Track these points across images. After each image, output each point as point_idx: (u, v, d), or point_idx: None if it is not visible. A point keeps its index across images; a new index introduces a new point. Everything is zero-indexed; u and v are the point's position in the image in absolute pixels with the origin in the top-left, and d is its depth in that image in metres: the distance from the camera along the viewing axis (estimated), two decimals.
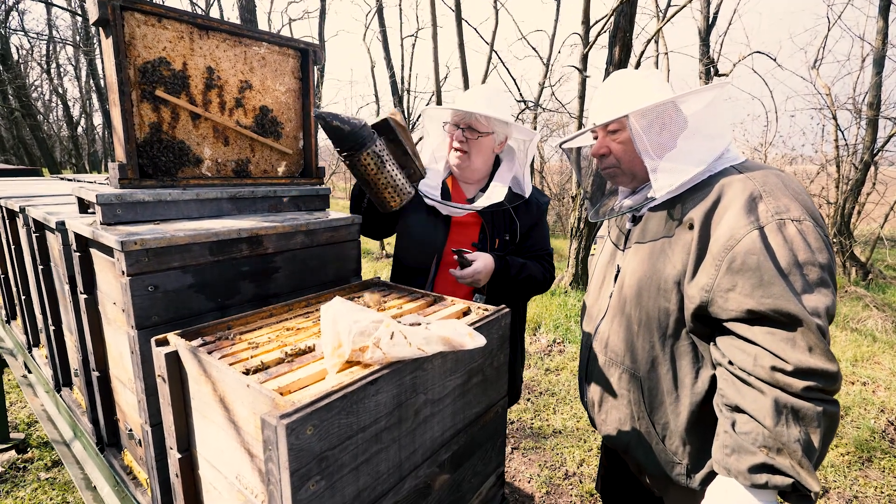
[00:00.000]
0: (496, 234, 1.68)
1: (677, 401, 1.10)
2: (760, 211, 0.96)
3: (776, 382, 0.89)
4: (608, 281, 1.29)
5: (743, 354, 0.93)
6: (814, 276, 0.91)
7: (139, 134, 1.27)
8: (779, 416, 0.88)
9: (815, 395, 0.87)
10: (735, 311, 0.94)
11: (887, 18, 6.75)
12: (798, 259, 0.92)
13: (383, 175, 1.35)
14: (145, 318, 1.01)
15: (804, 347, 0.87)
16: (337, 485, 0.72)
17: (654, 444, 1.15)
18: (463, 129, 1.63)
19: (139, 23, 1.23)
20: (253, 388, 0.74)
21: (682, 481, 1.13)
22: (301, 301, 1.20)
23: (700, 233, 1.01)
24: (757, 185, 0.99)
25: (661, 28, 5.88)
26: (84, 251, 1.24)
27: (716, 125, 1.11)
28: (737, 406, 0.94)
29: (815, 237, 0.94)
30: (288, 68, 1.59)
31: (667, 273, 1.08)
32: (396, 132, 1.39)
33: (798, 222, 0.94)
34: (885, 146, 7.05)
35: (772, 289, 0.90)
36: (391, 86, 11.35)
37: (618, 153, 1.20)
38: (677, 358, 1.09)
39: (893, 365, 4.11)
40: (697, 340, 1.07)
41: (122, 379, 1.24)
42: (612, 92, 1.21)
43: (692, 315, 1.03)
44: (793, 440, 0.86)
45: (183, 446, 0.95)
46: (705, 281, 0.99)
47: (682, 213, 1.07)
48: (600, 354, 1.26)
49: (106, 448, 1.39)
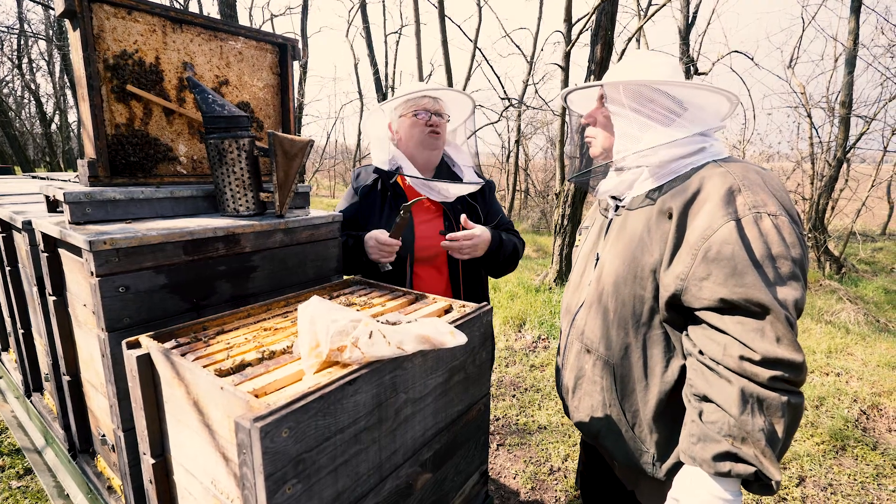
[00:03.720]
0: (458, 219, 1.69)
1: (647, 389, 1.12)
2: (738, 204, 0.97)
3: (743, 372, 0.90)
4: (588, 269, 1.31)
5: (713, 344, 0.95)
6: (786, 270, 0.93)
7: (110, 130, 1.24)
8: (744, 405, 0.89)
9: (781, 386, 0.89)
10: (708, 300, 0.95)
11: (859, 20, 6.93)
12: (772, 252, 0.93)
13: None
14: (116, 319, 0.98)
15: (772, 338, 0.89)
16: (314, 488, 0.71)
17: (623, 432, 1.17)
18: (434, 113, 1.69)
19: (108, 15, 1.19)
20: (227, 390, 0.72)
21: (648, 470, 1.15)
22: (280, 301, 1.18)
23: (678, 222, 1.02)
24: (737, 179, 1.01)
25: (642, 26, 5.95)
26: (52, 252, 1.20)
27: (697, 114, 1.13)
28: (704, 395, 0.96)
29: (789, 232, 0.96)
30: (266, 63, 1.55)
31: (644, 261, 1.09)
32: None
33: (774, 217, 0.96)
34: (857, 144, 7.26)
35: (744, 278, 0.91)
36: (375, 83, 11.27)
37: (600, 124, 1.25)
38: (649, 346, 1.11)
39: (865, 356, 4.24)
40: (670, 330, 1.08)
41: (93, 383, 1.20)
42: (619, 65, 1.26)
43: (666, 303, 1.04)
44: (757, 429, 0.88)
45: (157, 451, 0.92)
46: (680, 269, 1.00)
47: (661, 201, 1.09)
48: (576, 342, 1.27)
49: (78, 454, 1.35)
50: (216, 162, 1.26)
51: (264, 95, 1.57)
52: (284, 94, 1.61)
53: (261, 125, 1.57)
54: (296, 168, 1.27)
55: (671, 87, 1.14)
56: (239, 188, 1.29)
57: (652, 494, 1.23)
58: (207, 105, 1.24)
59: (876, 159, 8.05)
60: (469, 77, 9.86)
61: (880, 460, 2.82)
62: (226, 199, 1.29)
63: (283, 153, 1.24)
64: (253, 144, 1.29)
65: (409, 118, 1.69)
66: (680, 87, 1.14)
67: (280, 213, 1.32)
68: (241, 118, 1.26)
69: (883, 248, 9.74)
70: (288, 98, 1.62)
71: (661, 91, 1.14)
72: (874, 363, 4.08)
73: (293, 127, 1.66)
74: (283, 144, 1.24)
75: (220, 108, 1.24)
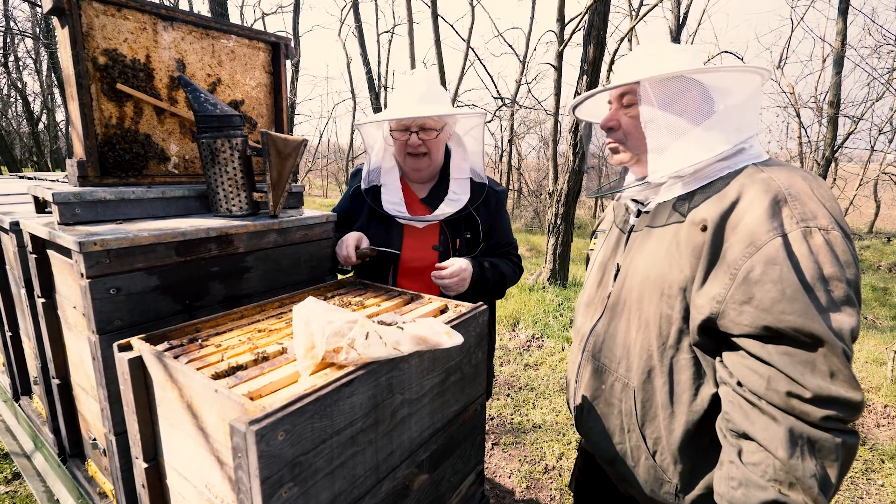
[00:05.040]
0: (457, 234, 1.59)
1: (672, 416, 1.00)
2: (784, 216, 0.86)
3: (791, 409, 0.80)
4: (607, 280, 1.18)
5: (754, 375, 0.85)
6: (840, 294, 0.82)
7: (99, 129, 1.22)
8: (793, 447, 0.79)
9: (835, 426, 0.79)
10: (749, 327, 0.85)
11: (846, 21, 7.03)
12: (824, 273, 0.82)
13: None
14: (107, 321, 0.97)
15: (826, 372, 0.79)
16: (311, 490, 0.70)
17: (643, 459, 1.07)
18: (416, 132, 1.51)
19: (97, 12, 1.17)
20: (221, 393, 0.71)
21: (669, 500, 1.05)
22: (274, 301, 1.17)
23: (713, 236, 0.90)
24: (782, 186, 0.88)
25: (633, 26, 5.98)
26: (41, 253, 1.18)
27: (740, 115, 0.98)
28: (744, 433, 0.86)
29: (842, 249, 0.84)
30: (258, 62, 1.54)
31: (672, 277, 0.97)
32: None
33: (825, 231, 0.84)
34: (845, 143, 7.36)
35: (794, 304, 0.80)
36: (367, 82, 11.24)
37: (627, 127, 1.08)
38: (676, 371, 0.99)
39: (854, 352, 4.31)
40: (700, 354, 0.97)
41: (84, 386, 1.19)
42: (638, 58, 1.07)
43: (699, 327, 0.93)
44: (808, 475, 0.78)
45: (149, 455, 0.91)
46: (717, 291, 0.89)
47: (694, 211, 0.96)
48: (593, 359, 1.17)
49: (69, 459, 1.33)
50: (208, 161, 1.25)
51: (257, 94, 1.55)
52: (277, 93, 1.60)
53: (254, 124, 1.56)
54: (289, 168, 1.26)
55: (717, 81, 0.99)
56: (232, 188, 1.27)
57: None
58: (199, 104, 1.22)
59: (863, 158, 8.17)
60: (462, 76, 9.87)
61: (869, 455, 2.86)
62: (218, 200, 1.28)
63: (276, 153, 1.23)
64: (246, 144, 1.27)
65: (394, 134, 1.57)
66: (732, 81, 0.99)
67: (274, 213, 1.30)
68: (234, 117, 1.25)
69: (870, 245, 9.89)
70: (281, 97, 1.61)
71: (704, 88, 1.00)
72: (862, 360, 4.14)
73: (286, 126, 1.65)
74: (277, 144, 1.22)
75: (213, 107, 1.23)
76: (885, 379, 3.69)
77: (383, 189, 1.62)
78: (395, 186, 1.61)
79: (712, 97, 1.01)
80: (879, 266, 8.11)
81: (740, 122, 0.98)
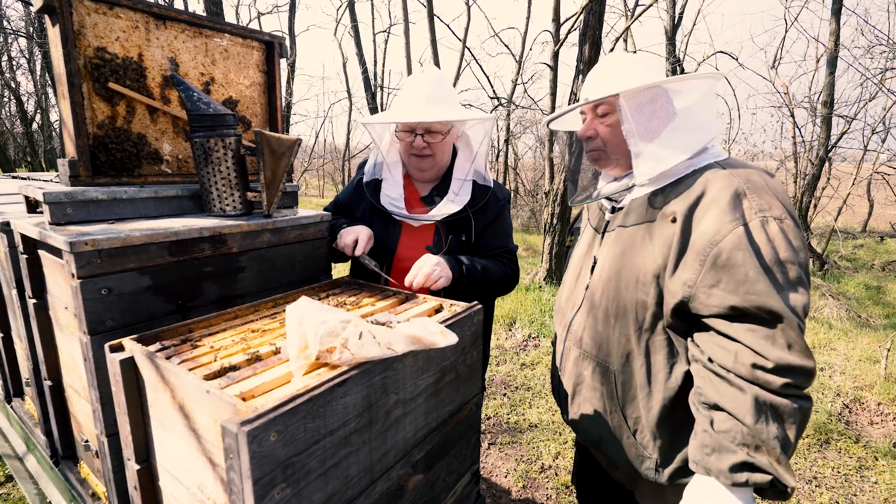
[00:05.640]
0: (451, 235, 1.57)
1: (650, 395, 1.10)
2: (745, 207, 0.96)
3: (756, 380, 0.89)
4: (584, 273, 1.27)
5: (723, 351, 0.93)
6: (794, 275, 0.92)
7: (91, 128, 1.21)
8: (759, 413, 0.88)
9: (792, 392, 0.88)
10: (717, 307, 0.94)
11: (839, 21, 7.07)
12: (780, 257, 0.92)
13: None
14: (99, 322, 0.96)
15: (784, 344, 0.88)
16: (304, 492, 0.70)
17: (624, 438, 1.16)
18: (421, 134, 1.49)
19: (89, 10, 1.17)
20: (213, 393, 0.70)
21: (650, 476, 1.14)
22: (268, 301, 1.16)
23: (682, 227, 1.00)
24: (741, 181, 0.99)
25: (629, 26, 6.00)
26: (32, 253, 1.17)
27: (703, 118, 1.09)
28: (715, 404, 0.94)
29: (795, 236, 0.95)
30: (252, 61, 1.53)
31: (646, 266, 1.06)
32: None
33: (780, 220, 0.95)
34: (838, 143, 7.40)
35: (756, 285, 0.90)
36: (364, 82, 11.22)
37: (605, 136, 1.17)
38: (652, 352, 1.09)
39: (847, 350, 4.33)
40: (673, 335, 1.06)
41: (76, 388, 1.18)
42: (607, 72, 1.17)
43: (672, 310, 1.02)
44: (772, 437, 0.87)
45: (142, 457, 0.90)
46: (688, 276, 0.98)
47: (663, 205, 1.06)
48: (574, 348, 1.24)
49: (61, 461, 1.32)
50: (202, 161, 1.24)
51: (251, 93, 1.54)
52: (271, 92, 1.59)
53: (248, 124, 1.55)
54: (283, 167, 1.25)
55: (683, 88, 1.09)
56: (225, 188, 1.26)
57: (652, 495, 1.22)
58: (192, 103, 1.21)
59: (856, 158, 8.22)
60: (458, 76, 9.86)
61: (863, 453, 2.88)
62: (212, 199, 1.27)
63: (270, 152, 1.22)
64: (239, 143, 1.27)
65: (398, 134, 1.56)
66: (694, 87, 1.09)
67: (268, 212, 1.30)
68: (227, 116, 1.24)
69: (864, 244, 9.96)
70: (275, 96, 1.60)
71: (670, 96, 1.10)
72: (856, 358, 4.16)
73: (281, 125, 1.64)
74: (271, 143, 1.22)
75: (206, 106, 1.22)
76: (878, 377, 3.71)
77: (384, 184, 1.61)
78: (396, 181, 1.61)
79: (681, 103, 1.11)
80: (873, 265, 8.17)
81: (704, 124, 1.08)
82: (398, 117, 1.49)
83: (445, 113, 1.46)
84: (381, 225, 1.59)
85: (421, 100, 1.48)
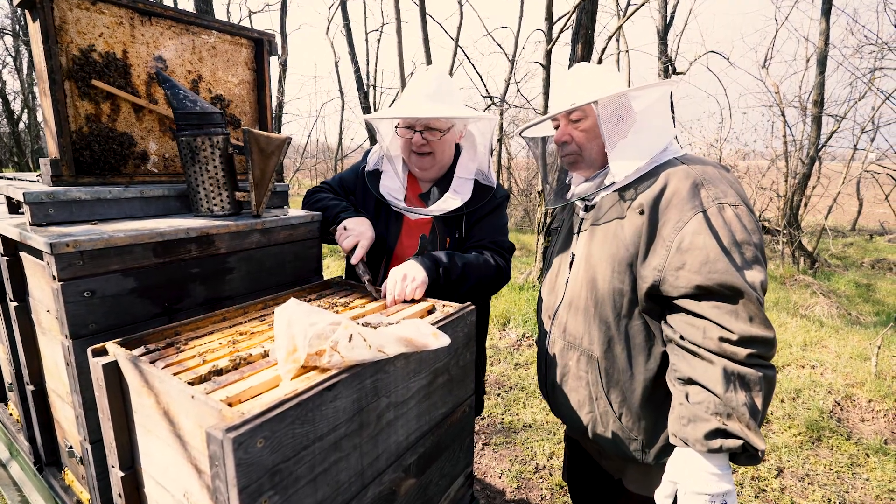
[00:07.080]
0: (447, 233, 1.56)
1: (632, 378, 1.17)
2: (703, 196, 1.06)
3: (723, 352, 0.96)
4: (563, 269, 1.33)
5: (692, 329, 1.01)
6: (750, 254, 1.01)
7: (74, 127, 1.18)
8: (728, 383, 0.95)
9: (757, 362, 0.96)
10: (685, 288, 1.02)
11: (829, 21, 7.13)
12: (737, 238, 1.02)
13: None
14: (81, 325, 0.93)
15: (746, 318, 0.96)
16: (292, 499, 0.68)
17: (611, 423, 1.21)
18: (420, 131, 1.47)
19: (71, 6, 1.14)
20: (198, 399, 0.68)
21: (637, 457, 1.20)
22: (257, 303, 1.14)
23: (650, 217, 1.09)
24: (697, 174, 1.09)
25: (621, 26, 6.01)
26: (13, 255, 1.14)
27: (664, 119, 1.21)
28: (689, 378, 1.01)
29: (748, 219, 1.05)
30: (241, 59, 1.51)
31: (620, 255, 1.14)
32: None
33: (734, 206, 1.05)
34: (828, 142, 7.47)
35: (717, 265, 0.99)
36: (356, 81, 11.17)
37: (580, 140, 1.24)
38: (631, 337, 1.16)
39: (839, 348, 4.36)
40: (649, 319, 1.14)
41: (59, 392, 1.15)
42: (577, 82, 1.26)
43: (645, 294, 1.10)
44: (741, 404, 0.94)
45: (126, 464, 0.88)
46: (657, 261, 1.07)
47: (632, 199, 1.15)
48: (559, 339, 1.30)
49: (45, 468, 1.29)
50: (189, 160, 1.21)
51: (239, 91, 1.52)
52: (261, 90, 1.57)
53: (237, 122, 1.52)
54: (272, 166, 1.23)
55: (647, 94, 1.19)
56: (213, 187, 1.24)
57: (640, 479, 1.27)
58: (178, 101, 1.19)
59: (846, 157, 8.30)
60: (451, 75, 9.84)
61: (854, 450, 2.90)
62: (199, 199, 1.25)
63: (258, 151, 1.20)
64: (227, 142, 1.24)
65: (399, 130, 1.55)
66: (657, 94, 1.19)
67: (256, 212, 1.27)
68: (215, 114, 1.21)
69: (853, 243, 10.06)
70: (265, 94, 1.57)
71: (637, 103, 1.20)
72: (847, 355, 4.20)
73: (271, 124, 1.62)
74: (259, 141, 1.20)
75: (192, 104, 1.19)
76: (869, 374, 3.75)
77: (384, 175, 1.60)
78: (397, 173, 1.60)
79: (643, 108, 1.21)
80: (863, 263, 8.25)
81: (666, 125, 1.20)
82: (397, 112, 1.49)
83: (443, 110, 1.45)
84: (384, 218, 1.58)
85: (422, 96, 1.47)
